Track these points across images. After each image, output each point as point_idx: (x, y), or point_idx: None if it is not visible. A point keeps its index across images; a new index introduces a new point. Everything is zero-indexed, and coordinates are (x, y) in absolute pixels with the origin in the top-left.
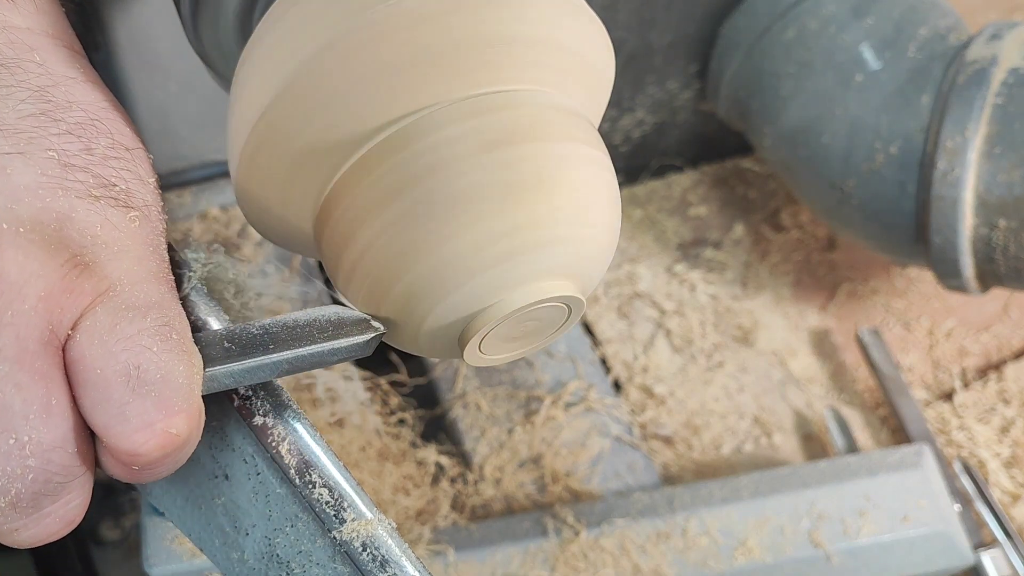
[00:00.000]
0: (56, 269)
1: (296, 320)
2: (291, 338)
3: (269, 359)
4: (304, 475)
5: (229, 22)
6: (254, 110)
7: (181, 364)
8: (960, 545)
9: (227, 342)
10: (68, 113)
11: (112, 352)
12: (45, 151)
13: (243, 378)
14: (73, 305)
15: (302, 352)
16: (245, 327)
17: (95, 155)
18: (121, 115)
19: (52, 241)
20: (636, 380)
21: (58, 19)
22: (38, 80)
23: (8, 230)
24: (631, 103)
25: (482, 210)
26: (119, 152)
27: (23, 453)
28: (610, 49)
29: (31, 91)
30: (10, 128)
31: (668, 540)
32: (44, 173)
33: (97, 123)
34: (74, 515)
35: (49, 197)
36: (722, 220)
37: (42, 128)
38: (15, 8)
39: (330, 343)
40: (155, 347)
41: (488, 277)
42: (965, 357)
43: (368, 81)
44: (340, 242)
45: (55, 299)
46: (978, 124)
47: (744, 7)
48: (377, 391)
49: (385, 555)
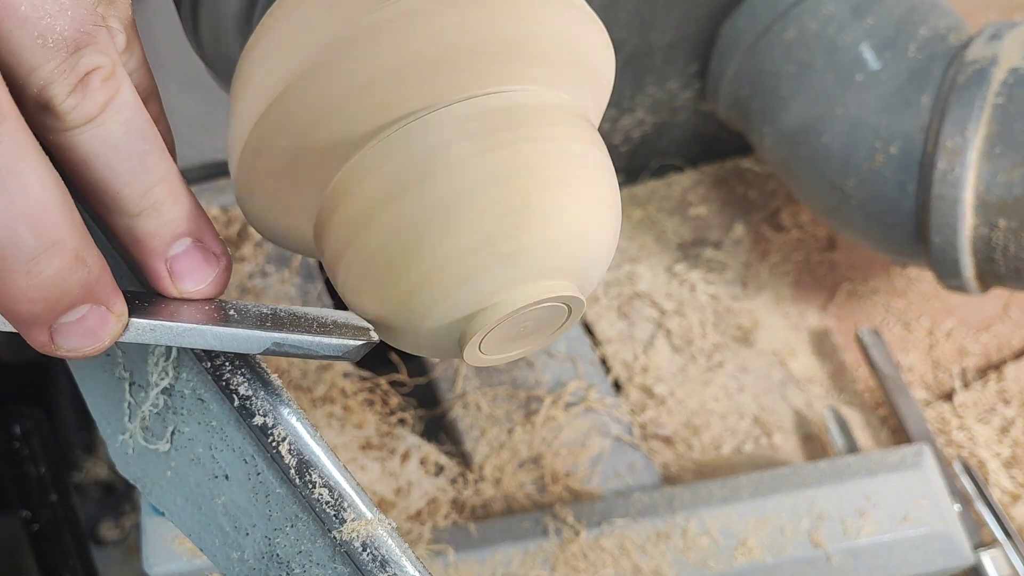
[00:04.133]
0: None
1: (306, 313)
2: (291, 325)
3: (257, 334)
4: (304, 475)
5: (229, 22)
6: (254, 110)
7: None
8: (960, 545)
9: (232, 311)
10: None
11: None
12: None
13: (229, 343)
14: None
15: (290, 338)
16: (257, 305)
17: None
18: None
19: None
20: (636, 380)
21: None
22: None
23: None
24: (631, 103)
25: (482, 210)
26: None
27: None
28: (610, 49)
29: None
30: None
31: (668, 540)
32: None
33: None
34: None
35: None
36: (722, 220)
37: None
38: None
39: (318, 337)
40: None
41: (488, 277)
42: (965, 357)
43: (368, 81)
44: (340, 242)
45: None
46: (978, 124)
47: (744, 7)
48: (377, 391)
49: (385, 555)
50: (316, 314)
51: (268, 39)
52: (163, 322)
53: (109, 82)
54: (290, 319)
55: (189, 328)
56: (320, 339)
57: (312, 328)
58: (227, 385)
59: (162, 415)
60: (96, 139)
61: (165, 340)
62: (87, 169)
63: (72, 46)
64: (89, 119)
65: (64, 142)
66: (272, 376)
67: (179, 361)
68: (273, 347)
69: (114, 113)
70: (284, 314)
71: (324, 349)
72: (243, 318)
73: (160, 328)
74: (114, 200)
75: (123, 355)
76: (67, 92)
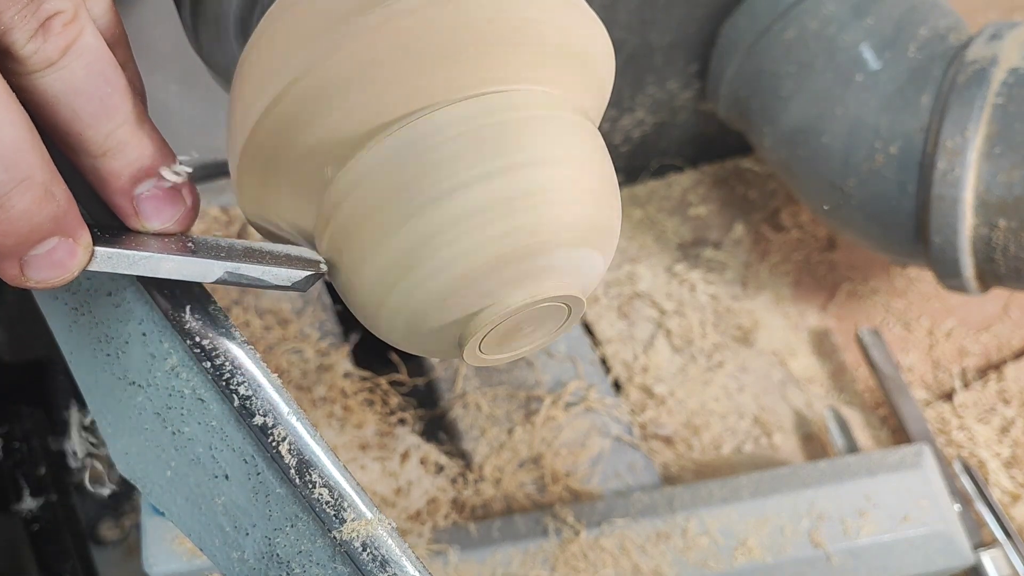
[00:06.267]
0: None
1: (261, 247)
2: (245, 257)
3: (210, 262)
4: (304, 475)
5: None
6: (254, 110)
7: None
8: (960, 545)
9: (191, 243)
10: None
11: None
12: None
13: (184, 271)
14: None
15: (241, 267)
16: (217, 239)
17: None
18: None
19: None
20: (636, 380)
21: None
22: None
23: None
24: (631, 103)
25: (482, 210)
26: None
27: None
28: (610, 48)
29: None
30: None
31: (668, 540)
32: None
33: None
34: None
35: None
36: (722, 220)
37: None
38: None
39: (269, 267)
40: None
41: (488, 277)
42: (965, 357)
43: (368, 82)
44: (340, 242)
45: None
46: (978, 124)
47: (744, 7)
48: (377, 391)
49: (385, 555)
50: (271, 248)
51: (268, 39)
52: (121, 250)
53: (70, 26)
54: (245, 251)
55: (145, 256)
56: (271, 269)
57: (264, 259)
58: (227, 385)
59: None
60: (58, 82)
61: (123, 268)
62: (51, 111)
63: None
64: (50, 63)
65: (28, 85)
66: (272, 376)
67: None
68: (225, 275)
69: (75, 57)
70: (240, 247)
71: (273, 278)
72: (200, 249)
73: (117, 256)
74: (78, 140)
75: (122, 355)
76: (28, 37)
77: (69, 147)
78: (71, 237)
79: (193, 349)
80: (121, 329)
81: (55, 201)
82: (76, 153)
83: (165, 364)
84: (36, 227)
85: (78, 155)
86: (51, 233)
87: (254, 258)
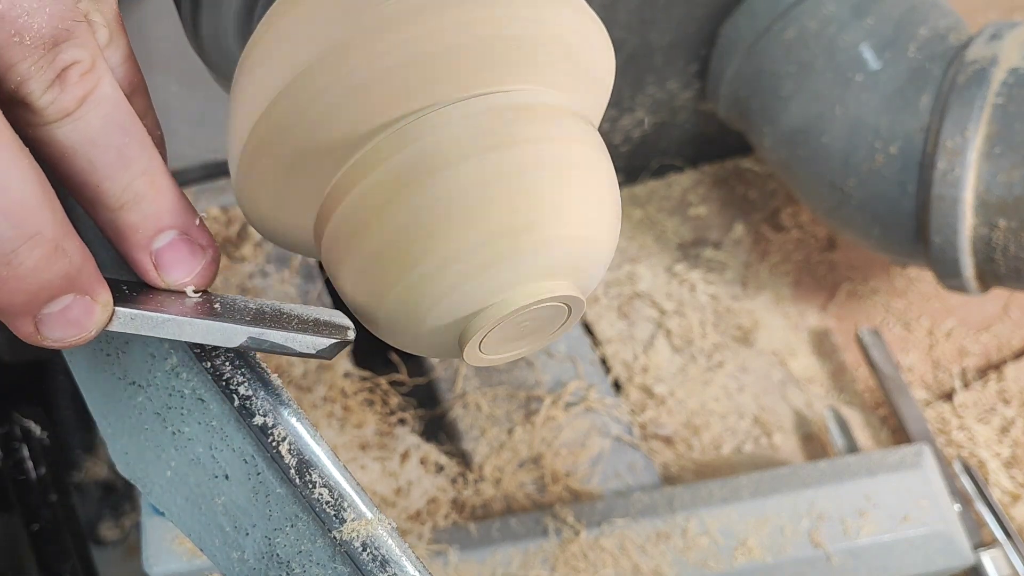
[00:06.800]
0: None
1: (291, 310)
2: (272, 321)
3: (235, 327)
4: (304, 475)
5: (229, 22)
6: (254, 110)
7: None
8: (960, 545)
9: (218, 304)
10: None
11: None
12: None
13: (208, 336)
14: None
15: (267, 333)
16: (245, 300)
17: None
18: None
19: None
20: (636, 380)
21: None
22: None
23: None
24: (631, 103)
25: (482, 210)
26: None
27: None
28: (610, 49)
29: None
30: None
31: (668, 540)
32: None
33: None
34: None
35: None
36: (722, 220)
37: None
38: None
39: (294, 334)
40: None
41: (488, 277)
42: (965, 357)
43: (368, 82)
44: (340, 243)
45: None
46: (978, 124)
47: (744, 7)
48: (377, 391)
49: (385, 555)
50: (300, 311)
51: (268, 39)
52: (144, 312)
53: (87, 76)
54: (273, 315)
55: (169, 319)
56: (295, 335)
57: (291, 325)
58: (227, 385)
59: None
60: (74, 133)
61: (145, 330)
62: (67, 163)
63: (50, 42)
64: (66, 113)
65: (43, 136)
66: (272, 376)
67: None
68: (249, 341)
69: (92, 107)
70: (268, 310)
71: (299, 346)
72: (226, 311)
73: (141, 318)
74: (95, 193)
75: (123, 355)
76: (44, 88)
77: (87, 200)
78: (87, 295)
79: (193, 349)
80: None
81: (67, 257)
82: (94, 206)
83: (165, 364)
84: (46, 284)
85: (96, 208)
86: (64, 290)
87: (280, 323)
